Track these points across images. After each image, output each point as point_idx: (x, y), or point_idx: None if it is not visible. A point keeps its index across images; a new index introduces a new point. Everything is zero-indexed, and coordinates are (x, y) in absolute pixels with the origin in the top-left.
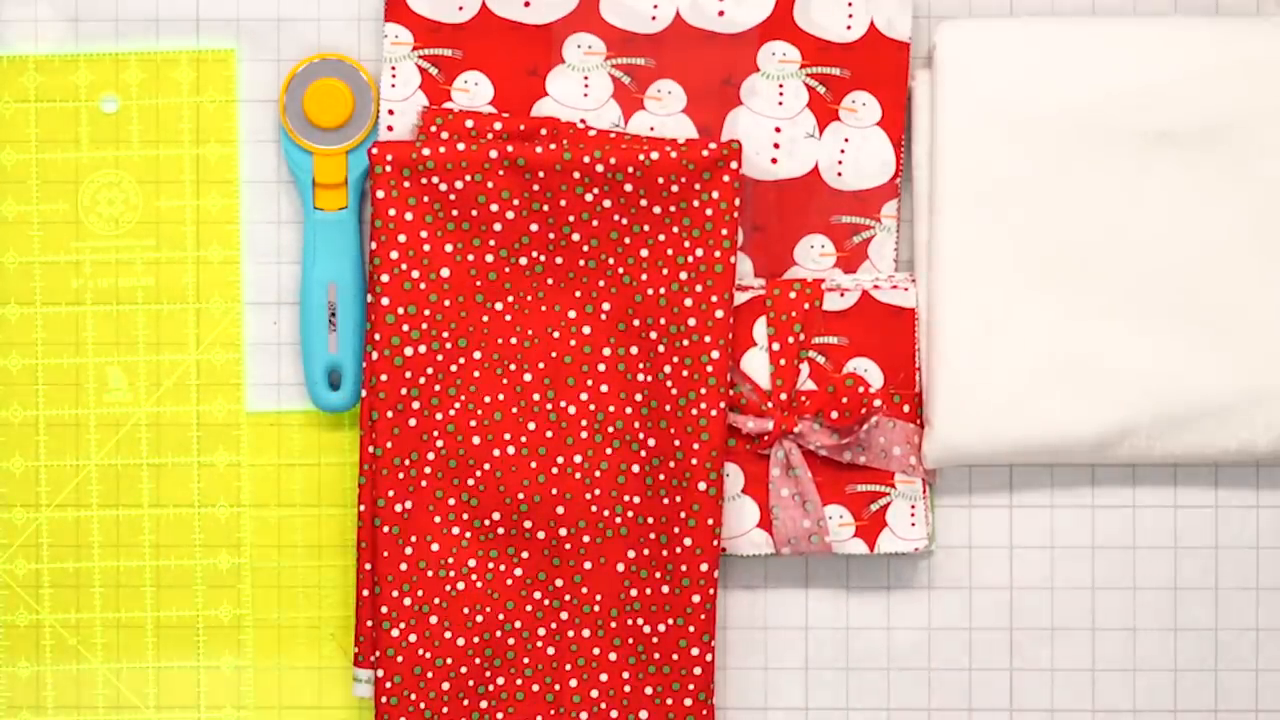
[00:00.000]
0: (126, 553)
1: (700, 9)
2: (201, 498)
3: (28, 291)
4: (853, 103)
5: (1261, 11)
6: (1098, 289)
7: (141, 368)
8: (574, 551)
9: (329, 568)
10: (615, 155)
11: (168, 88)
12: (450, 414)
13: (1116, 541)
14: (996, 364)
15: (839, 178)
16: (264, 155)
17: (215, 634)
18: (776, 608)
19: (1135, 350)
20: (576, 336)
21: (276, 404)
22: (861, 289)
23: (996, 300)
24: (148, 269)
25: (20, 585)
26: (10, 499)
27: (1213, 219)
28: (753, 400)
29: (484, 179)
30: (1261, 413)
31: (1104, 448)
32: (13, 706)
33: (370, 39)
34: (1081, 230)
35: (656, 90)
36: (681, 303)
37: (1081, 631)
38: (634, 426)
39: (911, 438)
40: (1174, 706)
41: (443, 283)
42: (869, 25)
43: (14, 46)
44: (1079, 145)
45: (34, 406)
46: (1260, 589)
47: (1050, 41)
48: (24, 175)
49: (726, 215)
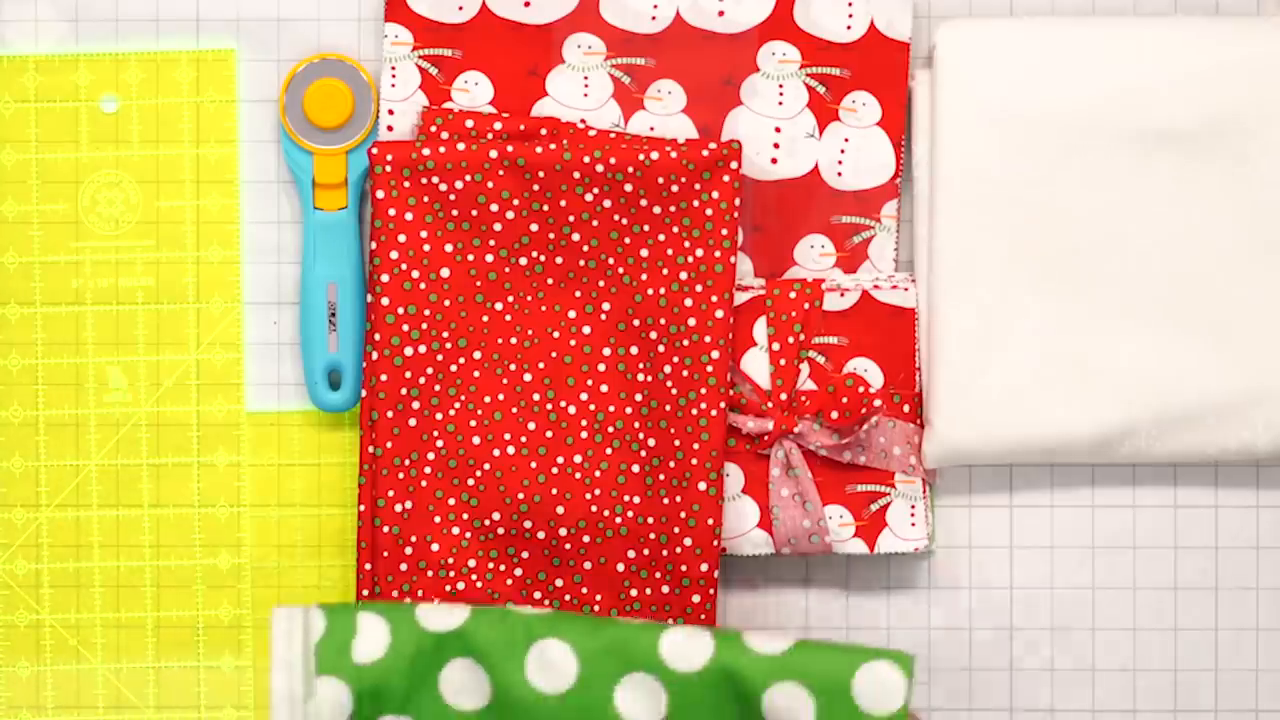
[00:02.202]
0: (126, 553)
1: (700, 9)
2: (201, 498)
3: (28, 291)
4: (853, 103)
5: (1261, 11)
6: (1098, 289)
7: (141, 368)
8: (574, 551)
9: (329, 568)
10: (615, 155)
11: (168, 88)
12: (450, 414)
13: (1116, 541)
14: (996, 364)
15: (839, 178)
16: (264, 155)
17: (215, 634)
18: (776, 608)
19: (1135, 350)
20: (576, 336)
21: (276, 404)
22: (861, 289)
23: (996, 300)
24: (148, 269)
25: (20, 585)
26: (10, 499)
27: (1213, 219)
28: (753, 400)
29: (484, 179)
30: (1261, 413)
31: (1104, 448)
32: (13, 706)
33: (370, 39)
34: (1081, 230)
35: (656, 90)
36: (681, 303)
37: (1081, 631)
38: (634, 426)
39: (911, 438)
40: (1174, 706)
41: (443, 283)
42: (869, 25)
43: (14, 46)
44: (1079, 145)
45: (34, 406)
46: (1260, 589)
47: (1050, 41)
48: (24, 175)
49: (726, 215)
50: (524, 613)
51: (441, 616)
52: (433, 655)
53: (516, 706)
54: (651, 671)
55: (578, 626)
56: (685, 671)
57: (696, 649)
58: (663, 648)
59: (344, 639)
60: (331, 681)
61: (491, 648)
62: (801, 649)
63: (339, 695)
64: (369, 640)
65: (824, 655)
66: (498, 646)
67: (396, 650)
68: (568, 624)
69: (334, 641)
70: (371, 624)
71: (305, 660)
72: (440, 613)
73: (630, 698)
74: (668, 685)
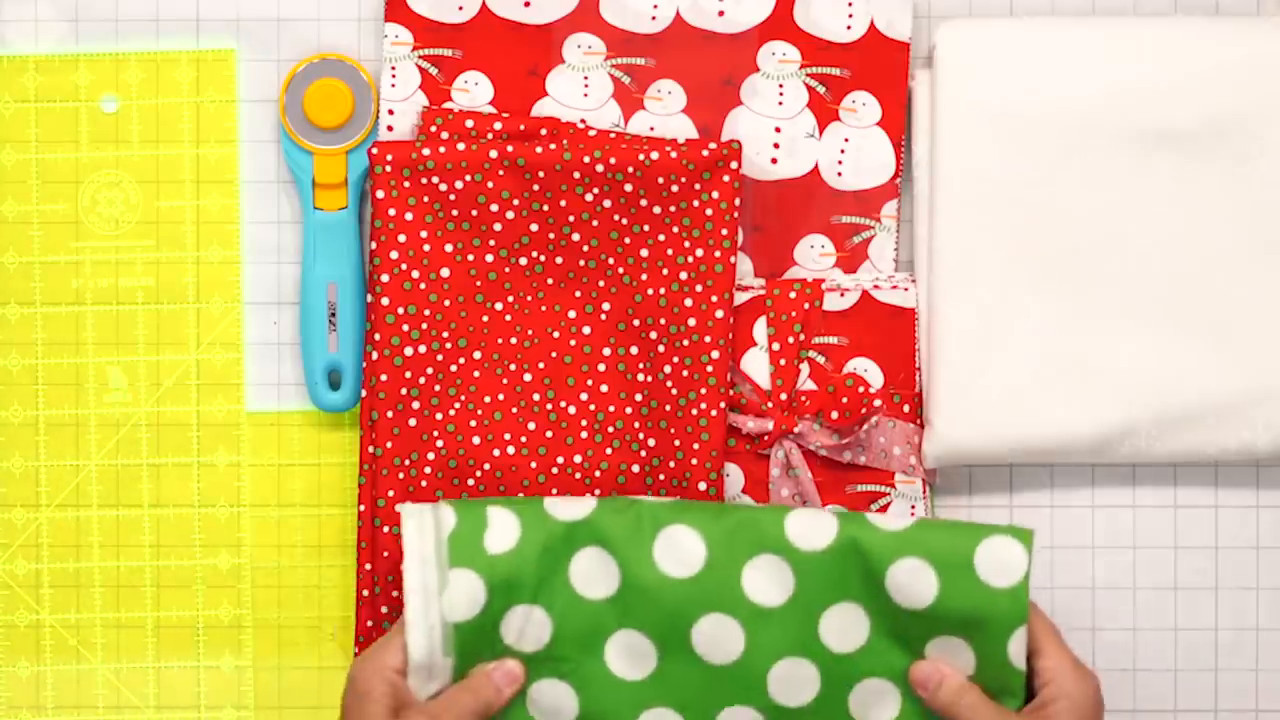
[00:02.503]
0: (126, 553)
1: (700, 9)
2: (201, 498)
3: (28, 291)
4: (853, 103)
5: (1261, 11)
6: (1098, 289)
7: (141, 368)
8: None
9: (329, 568)
10: (615, 155)
11: (168, 88)
12: (450, 414)
13: (1117, 541)
14: (996, 364)
15: (839, 178)
16: (264, 155)
17: (215, 634)
18: None
19: (1135, 350)
20: (576, 336)
21: (276, 404)
22: (861, 289)
23: (996, 300)
24: (148, 269)
25: (20, 585)
26: (10, 499)
27: (1213, 219)
28: (753, 400)
29: (484, 179)
30: (1261, 413)
31: (1104, 448)
32: (13, 706)
33: (370, 39)
34: (1081, 230)
35: (656, 90)
36: (681, 303)
37: (1081, 631)
38: (634, 426)
39: (911, 438)
40: (1174, 706)
41: (443, 282)
42: (869, 25)
43: (14, 46)
44: (1079, 145)
45: (34, 406)
46: (1260, 589)
47: (1050, 41)
48: (24, 175)
49: (727, 215)
50: (650, 501)
51: (569, 507)
52: (562, 545)
53: (646, 592)
54: (778, 552)
55: (704, 513)
56: (811, 550)
57: (821, 528)
58: (789, 529)
59: (476, 532)
60: (465, 574)
61: (619, 535)
62: (924, 525)
63: (473, 587)
64: (500, 532)
65: (946, 531)
66: (626, 534)
67: (527, 541)
68: (693, 511)
69: (466, 534)
70: (502, 517)
71: (439, 553)
72: (567, 504)
73: (758, 578)
74: (794, 565)
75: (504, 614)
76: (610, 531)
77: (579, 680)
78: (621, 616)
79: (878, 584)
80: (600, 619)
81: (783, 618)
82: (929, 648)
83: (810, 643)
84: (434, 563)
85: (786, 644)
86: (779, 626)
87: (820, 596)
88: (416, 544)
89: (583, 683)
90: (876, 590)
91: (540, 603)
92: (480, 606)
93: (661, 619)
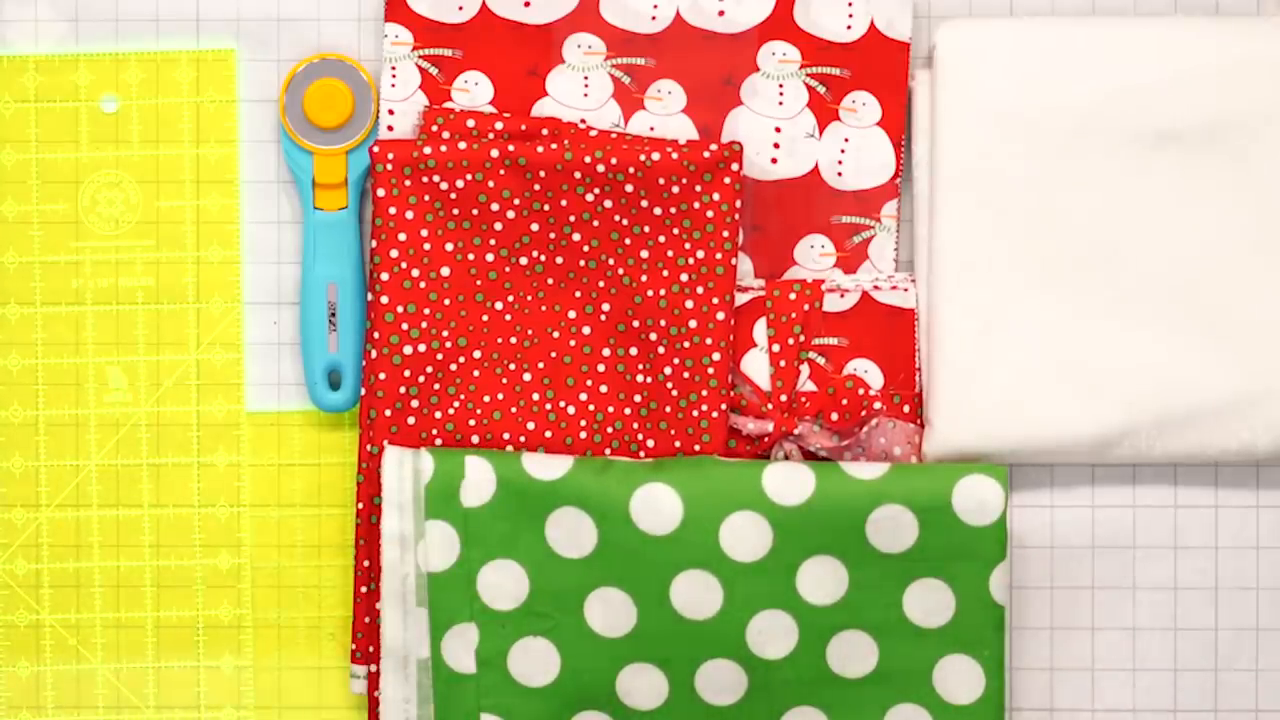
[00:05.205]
0: (126, 553)
1: (700, 9)
2: (201, 498)
3: (28, 291)
4: (853, 103)
5: (1261, 11)
6: (1098, 289)
7: (141, 368)
8: None
9: (329, 568)
10: (616, 156)
11: (168, 88)
12: (450, 414)
13: (1117, 541)
14: (996, 364)
15: (839, 178)
16: (264, 155)
17: (215, 634)
18: None
19: (1135, 350)
20: (576, 337)
21: (276, 404)
22: (861, 289)
23: (996, 300)
24: (148, 269)
25: (20, 585)
26: (10, 499)
27: (1213, 219)
28: (753, 402)
29: (485, 178)
30: (1261, 413)
31: (1104, 448)
32: (13, 706)
33: (370, 39)
34: (1081, 230)
35: (656, 90)
36: (682, 304)
37: (1081, 631)
38: (633, 427)
39: (911, 438)
40: (1174, 706)
41: (443, 282)
42: (869, 25)
43: (14, 46)
44: (1079, 145)
45: (34, 406)
46: (1260, 589)
47: (1050, 42)
48: (24, 175)
49: (727, 217)
50: (625, 461)
51: (546, 466)
52: (538, 502)
53: (623, 549)
54: (756, 508)
55: (680, 470)
56: (789, 505)
57: (798, 482)
58: (766, 484)
59: (452, 483)
60: (440, 525)
61: (596, 495)
62: (899, 471)
63: (448, 538)
64: (476, 485)
65: (922, 475)
66: (602, 493)
67: (502, 496)
68: (670, 469)
69: (442, 485)
70: (479, 468)
71: (416, 503)
72: (545, 462)
73: (736, 534)
74: (772, 520)
75: (479, 569)
76: (587, 490)
77: (559, 637)
78: (600, 574)
79: (857, 533)
80: (578, 577)
81: (760, 572)
82: (909, 592)
83: (788, 596)
84: (411, 511)
85: (764, 598)
86: (757, 581)
87: (798, 550)
88: (395, 491)
89: (563, 639)
90: (856, 540)
91: (515, 557)
92: (454, 558)
93: (640, 576)
